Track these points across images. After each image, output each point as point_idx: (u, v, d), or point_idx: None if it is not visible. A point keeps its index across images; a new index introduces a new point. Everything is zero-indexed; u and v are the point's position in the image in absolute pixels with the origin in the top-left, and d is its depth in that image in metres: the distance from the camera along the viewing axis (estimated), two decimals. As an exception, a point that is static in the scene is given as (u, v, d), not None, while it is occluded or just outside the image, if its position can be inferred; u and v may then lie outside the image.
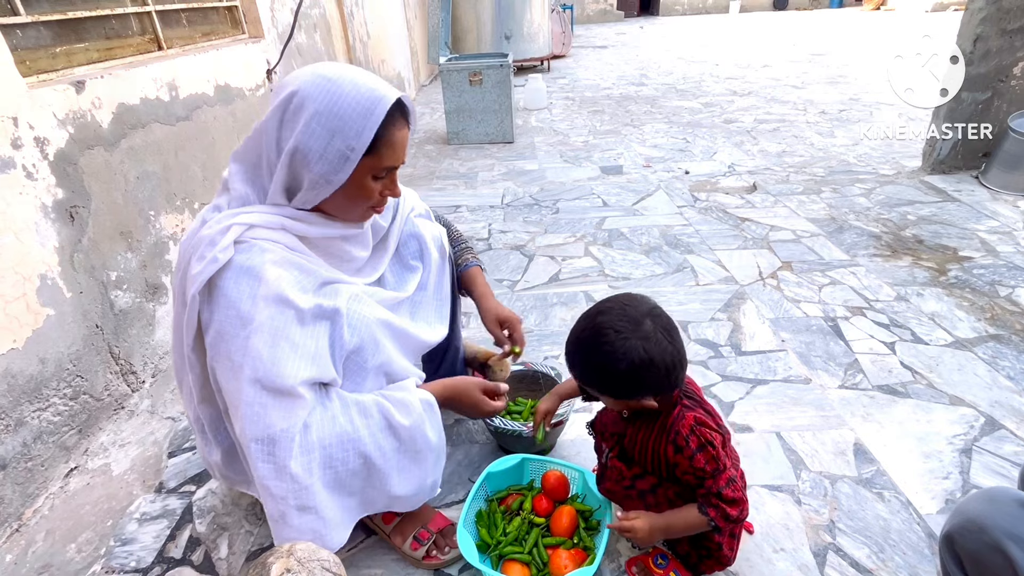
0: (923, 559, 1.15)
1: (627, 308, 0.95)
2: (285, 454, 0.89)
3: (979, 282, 2.14)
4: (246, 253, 0.90)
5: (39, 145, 1.42)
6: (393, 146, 0.95)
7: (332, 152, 0.90)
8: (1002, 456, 1.38)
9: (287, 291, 0.90)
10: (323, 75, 0.91)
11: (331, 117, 0.89)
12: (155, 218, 1.86)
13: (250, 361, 0.87)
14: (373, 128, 0.90)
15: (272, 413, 0.89)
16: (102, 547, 1.27)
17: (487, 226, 2.92)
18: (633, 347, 0.91)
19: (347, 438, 0.95)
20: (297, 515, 0.93)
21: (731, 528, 1.05)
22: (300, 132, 0.89)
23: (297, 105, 0.90)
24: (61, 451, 1.45)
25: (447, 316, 1.30)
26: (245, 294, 0.88)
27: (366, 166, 0.94)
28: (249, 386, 0.88)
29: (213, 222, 0.92)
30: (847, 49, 8.82)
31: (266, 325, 0.88)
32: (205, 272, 0.87)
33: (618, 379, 0.94)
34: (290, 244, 0.96)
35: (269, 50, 2.73)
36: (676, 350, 0.94)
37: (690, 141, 4.31)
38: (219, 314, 0.89)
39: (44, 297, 1.40)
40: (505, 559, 1.12)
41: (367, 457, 0.97)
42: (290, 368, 0.89)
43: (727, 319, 2.00)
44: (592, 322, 0.96)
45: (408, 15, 6.63)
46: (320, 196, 0.96)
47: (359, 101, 0.89)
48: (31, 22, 1.53)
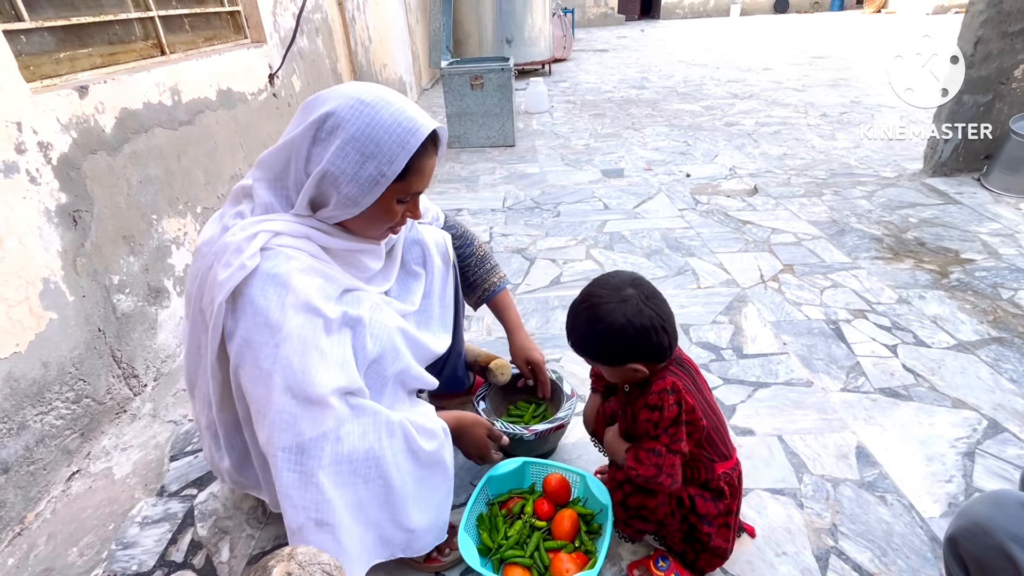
0: (926, 563, 1.14)
1: (612, 278, 1.02)
2: (314, 463, 0.89)
3: (981, 284, 2.14)
4: (272, 260, 0.90)
5: (43, 150, 1.42)
6: (422, 174, 0.97)
7: (363, 176, 0.91)
8: (1005, 459, 1.38)
9: (314, 299, 0.90)
10: (360, 99, 0.91)
11: (367, 142, 0.89)
12: (157, 222, 1.87)
13: (280, 369, 0.87)
14: (407, 156, 0.91)
15: (302, 422, 0.88)
16: (104, 551, 1.27)
17: (488, 229, 2.92)
18: (613, 310, 0.97)
19: (372, 455, 0.95)
20: (314, 530, 0.92)
21: (720, 519, 1.06)
22: (333, 154, 0.90)
23: (332, 126, 0.90)
24: (63, 455, 1.46)
25: (451, 325, 1.31)
26: (273, 302, 0.88)
27: (393, 191, 0.95)
28: (280, 395, 0.87)
29: (237, 228, 0.92)
30: (848, 52, 8.83)
31: (295, 334, 0.88)
32: (233, 279, 0.87)
33: (601, 341, 0.99)
34: (313, 252, 0.97)
35: (271, 54, 2.75)
36: (657, 314, 0.98)
37: (691, 144, 4.32)
38: (246, 322, 0.88)
39: (47, 301, 1.41)
40: (506, 563, 1.12)
41: (387, 478, 0.97)
42: (321, 377, 0.89)
43: (728, 322, 2.00)
44: (582, 292, 1.04)
45: (410, 19, 6.65)
46: (345, 216, 0.97)
47: (396, 129, 0.90)
48: (35, 28, 1.54)
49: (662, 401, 0.98)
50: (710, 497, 1.05)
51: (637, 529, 1.10)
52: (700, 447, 1.04)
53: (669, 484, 0.98)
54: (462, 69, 4.20)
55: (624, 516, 1.09)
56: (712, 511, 1.05)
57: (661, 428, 0.98)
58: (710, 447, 1.06)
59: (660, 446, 0.98)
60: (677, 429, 0.98)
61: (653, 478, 0.97)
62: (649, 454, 0.98)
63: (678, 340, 1.03)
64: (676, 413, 0.98)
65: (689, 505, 1.05)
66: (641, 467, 0.98)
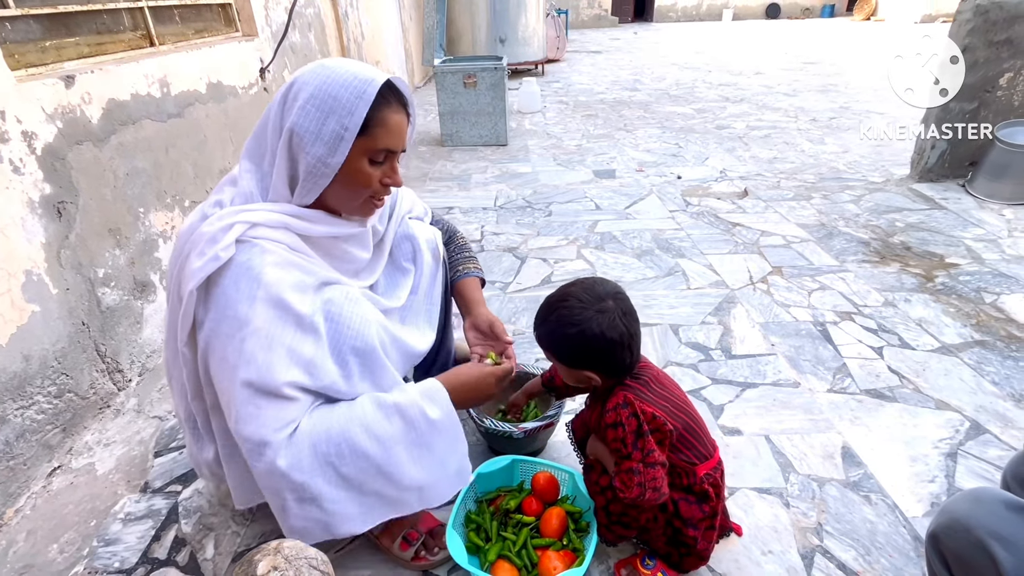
0: (909, 562, 1.16)
1: (596, 286, 1.04)
2: (273, 455, 0.89)
3: (965, 289, 2.17)
4: (247, 253, 0.89)
5: (26, 139, 1.40)
6: (387, 127, 0.96)
7: (327, 133, 0.91)
8: (987, 460, 1.40)
9: (286, 295, 0.90)
10: (322, 64, 0.95)
11: (325, 98, 0.91)
12: (144, 215, 1.84)
13: (244, 363, 0.87)
14: (365, 107, 0.91)
15: (265, 414, 0.88)
16: (85, 547, 1.25)
17: (480, 228, 2.92)
18: (589, 317, 0.98)
19: (336, 433, 0.92)
20: (297, 505, 0.92)
21: (705, 522, 1.06)
22: (296, 114, 0.91)
23: (296, 91, 0.93)
24: (44, 450, 1.43)
25: (436, 322, 1.29)
26: (244, 295, 0.87)
27: (361, 147, 0.95)
28: (242, 388, 0.87)
29: (215, 218, 0.92)
30: (838, 58, 8.94)
31: (263, 329, 0.88)
32: (205, 269, 0.87)
33: (569, 343, 1.01)
34: (292, 244, 0.96)
35: (263, 49, 2.72)
36: (628, 332, 1.00)
37: (682, 146, 4.34)
38: (215, 312, 0.88)
39: (29, 293, 1.38)
40: (494, 560, 1.12)
41: (366, 452, 0.94)
42: (284, 373, 0.89)
43: (718, 323, 2.01)
44: (562, 290, 1.06)
45: (403, 17, 6.63)
46: (319, 185, 0.96)
47: (352, 82, 0.92)
48: (21, 15, 1.51)
49: (619, 416, 0.99)
50: (695, 500, 1.05)
51: (619, 535, 1.10)
52: (676, 451, 1.04)
53: (656, 499, 0.98)
54: (455, 67, 4.19)
55: (606, 521, 1.09)
56: (697, 515, 1.05)
57: (629, 444, 0.98)
58: (687, 449, 1.05)
59: (635, 464, 0.98)
60: (644, 441, 0.98)
61: (639, 497, 0.97)
62: (629, 475, 0.98)
63: (639, 359, 1.06)
64: (636, 425, 0.98)
65: (672, 510, 1.05)
66: (627, 490, 0.98)
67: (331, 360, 0.96)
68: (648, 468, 0.97)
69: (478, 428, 1.38)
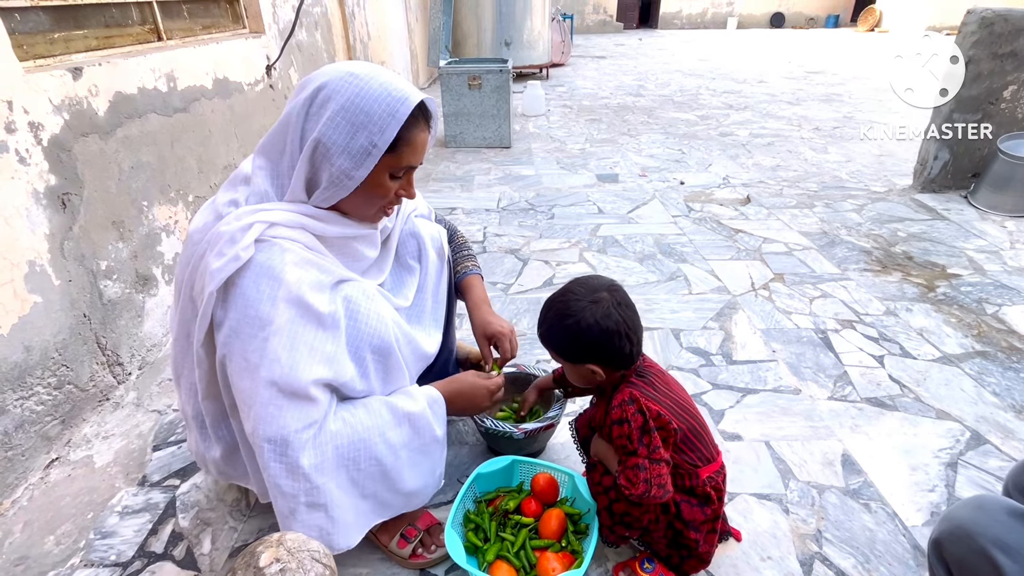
0: (908, 570, 1.15)
1: (590, 280, 1.07)
2: (300, 455, 0.89)
3: (967, 299, 2.17)
4: (267, 252, 0.89)
5: (33, 130, 1.40)
6: (413, 146, 0.96)
7: (355, 147, 0.90)
8: (987, 470, 1.40)
9: (307, 294, 0.90)
10: (351, 72, 0.92)
11: (357, 112, 0.89)
12: (148, 209, 1.84)
13: (267, 363, 0.87)
14: (397, 126, 0.90)
15: (287, 415, 0.88)
16: (81, 540, 1.24)
17: (482, 229, 2.92)
18: (583, 308, 1.01)
19: (360, 441, 0.95)
20: (306, 511, 0.93)
21: (707, 525, 1.06)
22: (324, 125, 0.89)
23: (324, 99, 0.90)
24: (43, 441, 1.43)
25: (442, 321, 1.29)
26: (265, 295, 0.87)
27: (385, 164, 0.94)
28: (265, 387, 0.87)
29: (232, 217, 0.91)
30: (842, 68, 8.96)
31: (285, 328, 0.88)
32: (225, 270, 0.86)
33: (566, 336, 1.03)
34: (309, 243, 0.96)
35: (269, 46, 2.73)
36: (624, 321, 1.01)
37: (686, 152, 4.35)
38: (236, 313, 0.88)
39: (32, 284, 1.38)
40: (492, 560, 1.11)
41: (378, 458, 0.98)
42: (308, 371, 0.89)
43: (719, 328, 2.01)
44: (561, 288, 1.08)
45: (409, 18, 6.65)
46: (339, 194, 0.96)
47: (385, 99, 0.90)
48: (30, 6, 1.52)
49: (624, 412, 0.99)
50: (696, 503, 1.05)
51: (621, 536, 1.10)
52: (680, 452, 1.04)
53: (661, 495, 0.98)
54: (460, 69, 4.20)
55: (609, 522, 1.09)
56: (699, 517, 1.05)
57: (635, 440, 0.98)
58: (690, 451, 1.05)
59: (641, 460, 0.98)
60: (650, 437, 0.98)
61: (645, 494, 0.97)
62: (635, 471, 0.98)
63: (642, 352, 1.06)
64: (642, 421, 0.98)
65: (675, 511, 1.05)
66: (632, 487, 0.98)
67: (348, 358, 0.97)
68: (654, 464, 0.97)
69: (478, 428, 1.38)
